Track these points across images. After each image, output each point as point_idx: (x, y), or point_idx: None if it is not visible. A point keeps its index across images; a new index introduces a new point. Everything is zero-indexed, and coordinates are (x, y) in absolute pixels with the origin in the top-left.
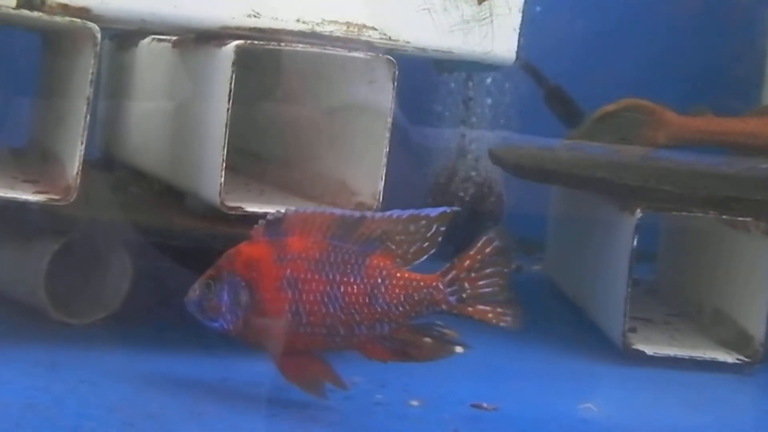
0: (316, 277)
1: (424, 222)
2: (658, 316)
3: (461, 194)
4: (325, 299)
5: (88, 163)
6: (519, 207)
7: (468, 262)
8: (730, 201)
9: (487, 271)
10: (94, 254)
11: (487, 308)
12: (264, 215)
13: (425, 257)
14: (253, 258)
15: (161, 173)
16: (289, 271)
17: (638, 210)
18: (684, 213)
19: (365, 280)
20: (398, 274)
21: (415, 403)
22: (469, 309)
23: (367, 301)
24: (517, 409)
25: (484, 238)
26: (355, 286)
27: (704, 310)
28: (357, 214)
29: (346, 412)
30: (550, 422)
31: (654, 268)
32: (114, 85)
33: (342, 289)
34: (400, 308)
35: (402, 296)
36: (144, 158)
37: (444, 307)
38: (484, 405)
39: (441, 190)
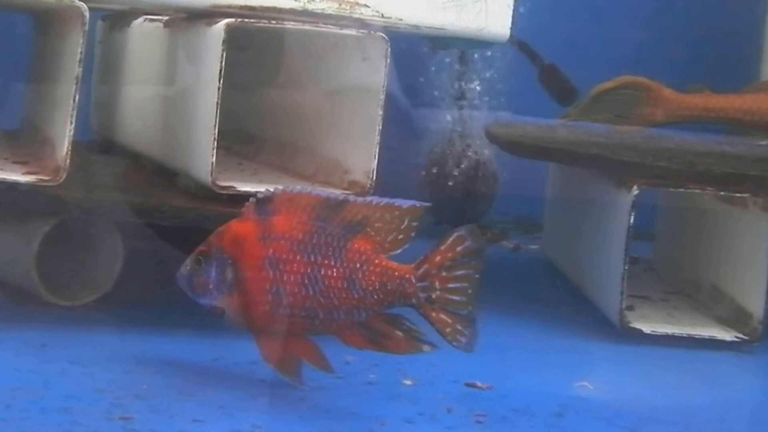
0: (298, 258)
1: (397, 213)
2: (655, 294)
3: (455, 173)
4: (305, 281)
5: (81, 144)
6: (515, 186)
7: (439, 257)
8: (728, 177)
9: (458, 273)
10: (86, 235)
11: (448, 320)
12: (256, 194)
13: (400, 250)
14: (240, 235)
15: (154, 153)
16: (271, 250)
17: (635, 186)
18: (681, 189)
19: (345, 264)
20: (376, 261)
21: (408, 382)
22: (433, 314)
23: (345, 285)
24: (512, 387)
25: (455, 235)
26: (334, 270)
27: (702, 287)
28: (340, 196)
29: (339, 391)
30: (545, 400)
31: (652, 247)
32: (107, 66)
33: (322, 272)
34: (375, 296)
35: (377, 284)
36: (137, 138)
37: (414, 301)
38: (479, 384)
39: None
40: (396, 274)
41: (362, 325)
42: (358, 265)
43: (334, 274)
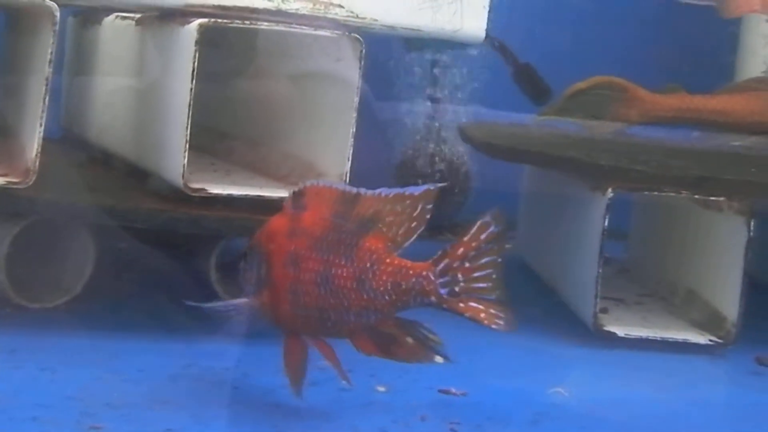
0: (314, 255)
1: (408, 201)
2: (630, 297)
3: (428, 170)
4: (319, 280)
5: (51, 142)
6: (489, 184)
7: (462, 249)
8: (703, 180)
9: (482, 261)
10: (57, 237)
11: (480, 306)
12: (227, 197)
13: (415, 237)
14: (272, 230)
15: (125, 153)
16: (294, 247)
17: (609, 190)
18: (656, 193)
19: (355, 264)
20: (387, 260)
21: (382, 388)
22: (461, 305)
23: (355, 286)
24: (486, 394)
25: (479, 222)
26: (344, 270)
27: (677, 290)
28: (354, 190)
29: (312, 398)
30: (520, 408)
31: (625, 247)
32: (78, 63)
33: (333, 271)
34: (386, 297)
35: (389, 284)
36: (108, 138)
37: (434, 299)
38: (453, 390)
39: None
40: (411, 272)
41: (373, 329)
42: (368, 265)
43: (345, 274)
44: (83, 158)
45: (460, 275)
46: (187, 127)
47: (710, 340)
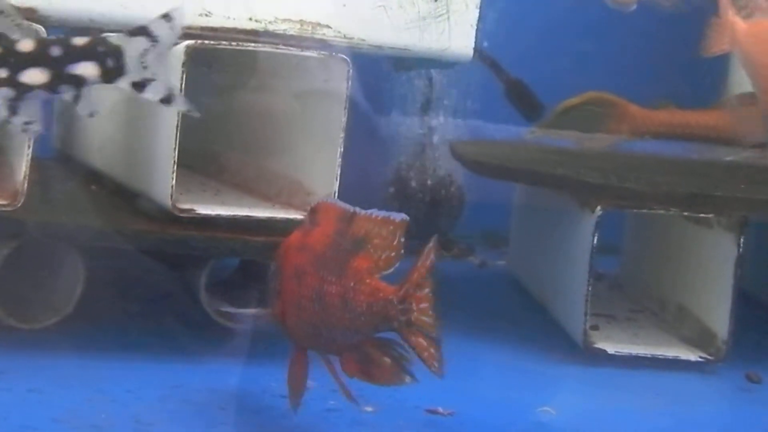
0: (313, 271)
1: (391, 227)
2: (621, 313)
3: (419, 187)
4: (314, 296)
5: (43, 162)
6: (483, 199)
7: (416, 275)
8: (692, 197)
9: (425, 291)
10: (46, 257)
11: (424, 343)
12: (216, 218)
13: (392, 269)
14: (288, 244)
15: (115, 174)
16: (299, 261)
17: (598, 207)
18: (645, 210)
19: (342, 282)
20: (367, 280)
21: (369, 409)
22: (412, 338)
23: (340, 304)
24: (473, 413)
25: (428, 248)
26: (334, 287)
27: (668, 306)
28: (350, 209)
29: (299, 419)
30: (507, 427)
31: (618, 262)
32: None
33: (325, 288)
34: (362, 318)
35: (365, 305)
36: (99, 158)
37: (395, 325)
38: (440, 410)
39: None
40: (380, 294)
41: (357, 348)
42: (352, 284)
43: (333, 291)
44: (74, 178)
45: (414, 303)
46: (175, 149)
47: (700, 357)
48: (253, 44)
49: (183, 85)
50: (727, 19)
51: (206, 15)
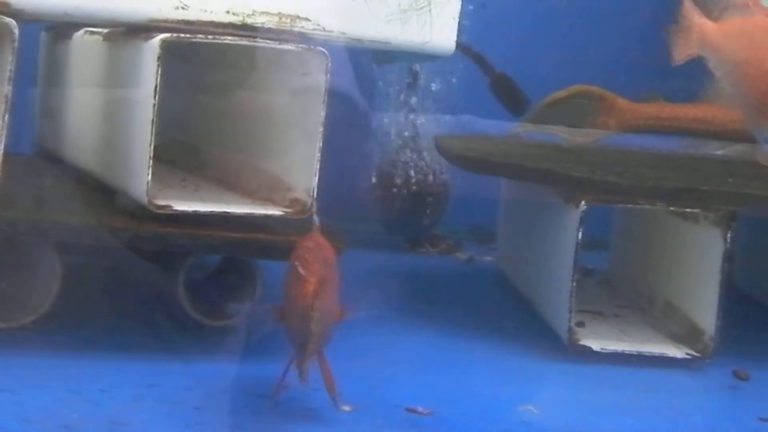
0: (302, 275)
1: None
2: (608, 309)
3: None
4: (297, 299)
5: (24, 159)
6: (470, 193)
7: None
8: (678, 192)
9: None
10: (22, 255)
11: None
12: (194, 214)
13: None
14: (295, 246)
15: (94, 169)
16: (297, 263)
17: (582, 202)
18: (630, 205)
19: (311, 289)
20: (328, 291)
21: (347, 408)
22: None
23: (306, 314)
24: (453, 412)
25: None
26: (306, 297)
27: (656, 302)
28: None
29: (276, 418)
30: (488, 426)
31: (607, 257)
32: (49, 78)
33: (302, 292)
34: (328, 330)
35: (319, 315)
36: (77, 153)
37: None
38: (419, 409)
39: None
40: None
41: (320, 356)
42: (315, 295)
43: (306, 296)
44: (53, 175)
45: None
46: (150, 144)
47: (687, 354)
48: (230, 38)
49: (158, 79)
50: (693, 23)
51: (183, 8)
